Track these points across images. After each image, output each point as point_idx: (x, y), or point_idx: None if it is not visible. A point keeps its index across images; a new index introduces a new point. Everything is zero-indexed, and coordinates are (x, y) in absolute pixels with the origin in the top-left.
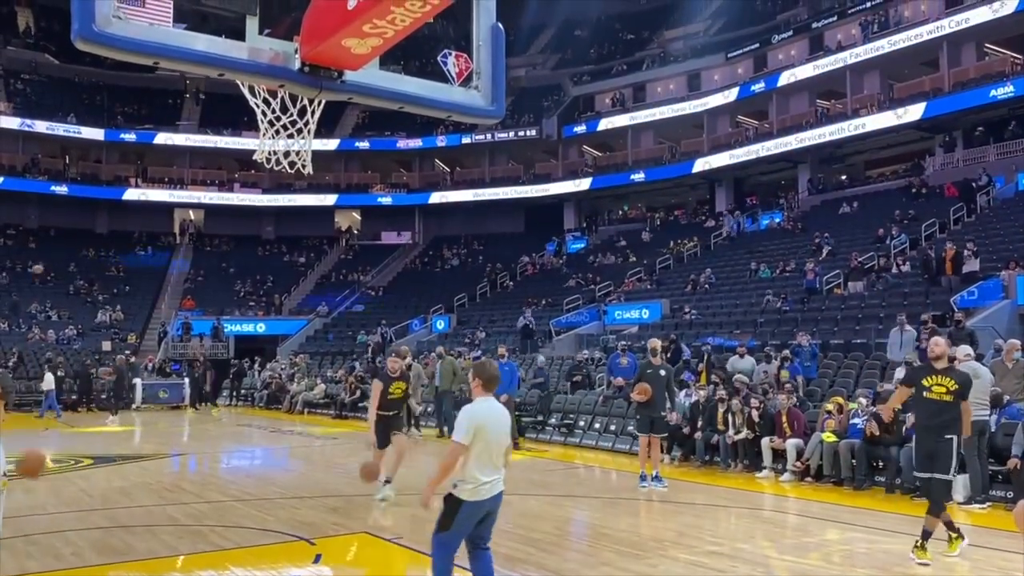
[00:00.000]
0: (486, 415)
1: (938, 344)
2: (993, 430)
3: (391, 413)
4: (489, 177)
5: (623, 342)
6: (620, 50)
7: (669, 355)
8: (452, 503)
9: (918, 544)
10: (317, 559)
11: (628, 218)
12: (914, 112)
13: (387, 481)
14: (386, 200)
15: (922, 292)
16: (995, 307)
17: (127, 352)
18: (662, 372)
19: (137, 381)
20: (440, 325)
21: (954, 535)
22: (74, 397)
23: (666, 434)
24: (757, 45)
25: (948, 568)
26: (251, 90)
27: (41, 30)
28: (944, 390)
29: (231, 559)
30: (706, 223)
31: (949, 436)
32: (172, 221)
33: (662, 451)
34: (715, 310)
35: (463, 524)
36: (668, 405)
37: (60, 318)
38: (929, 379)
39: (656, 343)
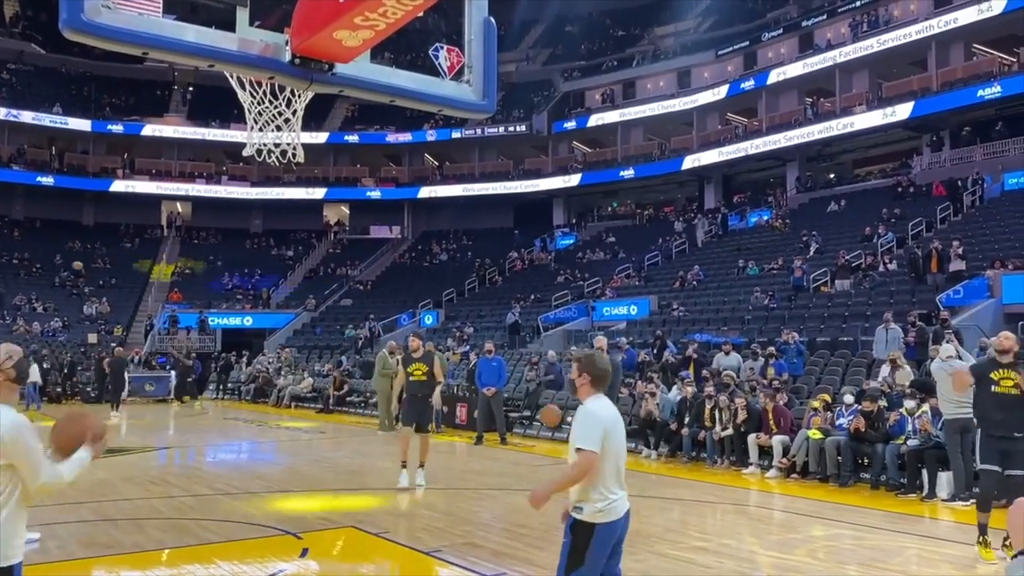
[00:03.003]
0: (611, 417)
1: (1008, 337)
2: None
3: (419, 395)
4: (479, 172)
5: (621, 338)
6: (611, 46)
7: (655, 351)
8: (582, 532)
9: (1006, 543)
10: (304, 553)
11: (617, 214)
12: (902, 111)
13: (405, 465)
14: (375, 194)
15: (908, 291)
16: (980, 306)
17: (114, 345)
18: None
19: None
20: (428, 320)
21: (986, 539)
22: (59, 390)
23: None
24: (747, 43)
25: (929, 564)
26: (239, 83)
27: (28, 19)
28: (1012, 383)
29: (217, 553)
30: (694, 220)
31: (1020, 435)
32: (159, 213)
33: (649, 447)
34: (703, 307)
35: (597, 555)
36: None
37: (45, 310)
38: (997, 373)
39: (601, 340)
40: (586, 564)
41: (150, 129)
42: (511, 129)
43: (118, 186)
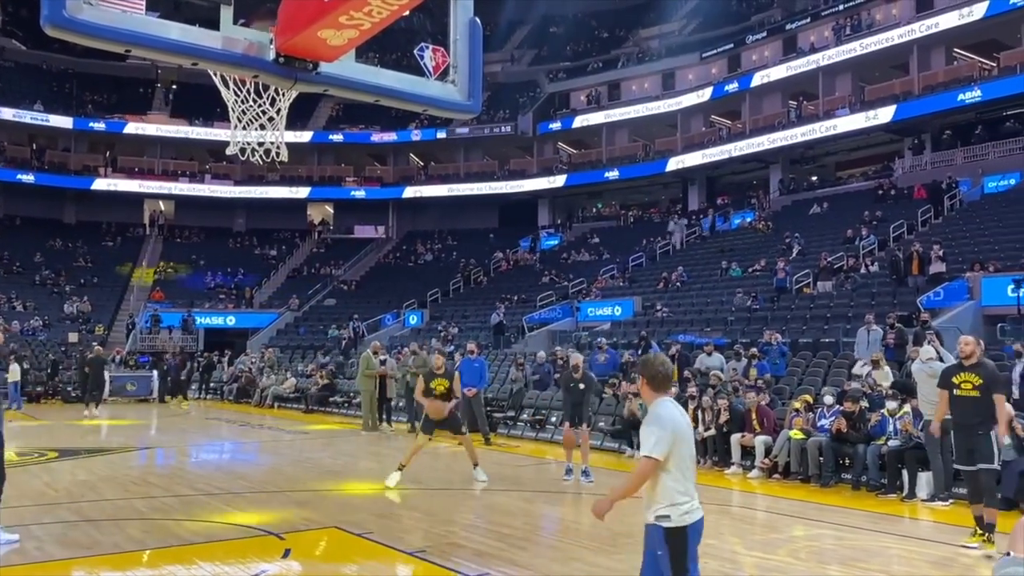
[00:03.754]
0: (678, 420)
1: (968, 343)
2: None
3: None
4: (464, 172)
5: (602, 339)
6: (596, 48)
7: (640, 352)
8: (677, 538)
9: (986, 538)
10: (286, 554)
11: (602, 215)
12: (884, 114)
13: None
14: (359, 194)
15: (889, 292)
16: (960, 308)
17: (95, 344)
18: (581, 386)
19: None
20: (413, 320)
21: (981, 532)
22: (39, 389)
23: (586, 425)
24: (731, 45)
25: (909, 563)
26: (223, 81)
27: (8, 15)
28: (971, 386)
29: (198, 553)
30: (677, 221)
31: (982, 432)
32: (142, 212)
33: (632, 447)
34: (686, 308)
35: (695, 555)
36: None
37: (26, 309)
38: (958, 377)
39: (578, 359)
40: (690, 570)
41: (133, 127)
42: (496, 129)
43: (100, 184)
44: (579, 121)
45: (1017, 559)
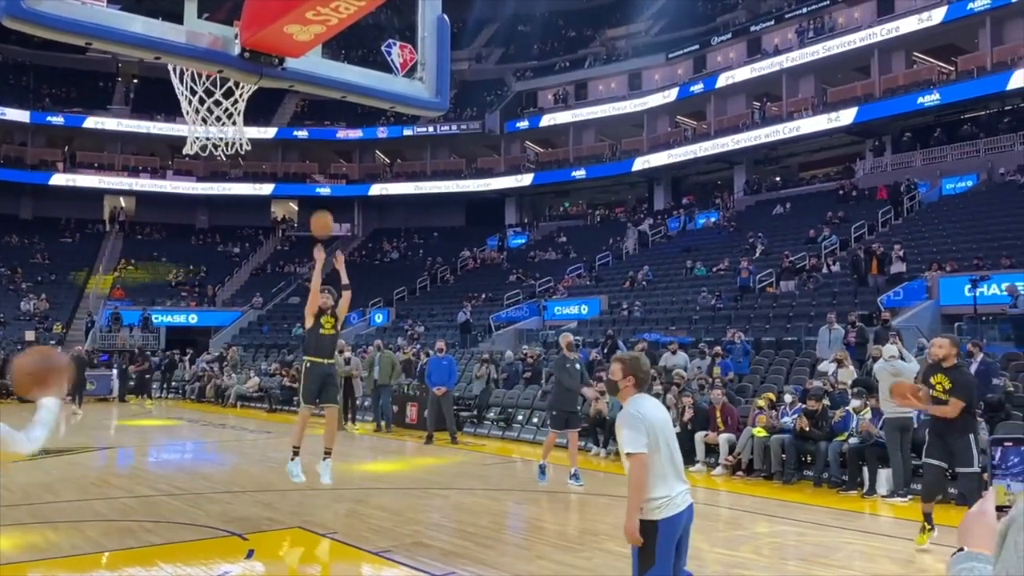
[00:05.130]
0: (656, 414)
1: (940, 346)
2: (916, 426)
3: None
4: (431, 170)
5: (578, 337)
6: (563, 47)
7: (606, 351)
8: (647, 530)
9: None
10: (250, 554)
11: (569, 214)
12: (846, 116)
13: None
14: (325, 191)
15: (851, 292)
16: (919, 307)
17: (53, 343)
18: (577, 366)
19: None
20: (379, 319)
21: (928, 527)
22: None
23: (581, 428)
24: (697, 47)
25: (870, 559)
26: (180, 76)
27: None
28: (942, 389)
29: (160, 555)
30: (644, 222)
31: (959, 435)
32: (102, 208)
33: (598, 445)
34: (652, 306)
35: (666, 550)
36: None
37: None
38: (934, 377)
39: (568, 337)
40: (657, 562)
41: (92, 121)
42: (464, 127)
43: (58, 179)
44: (546, 120)
45: (972, 553)
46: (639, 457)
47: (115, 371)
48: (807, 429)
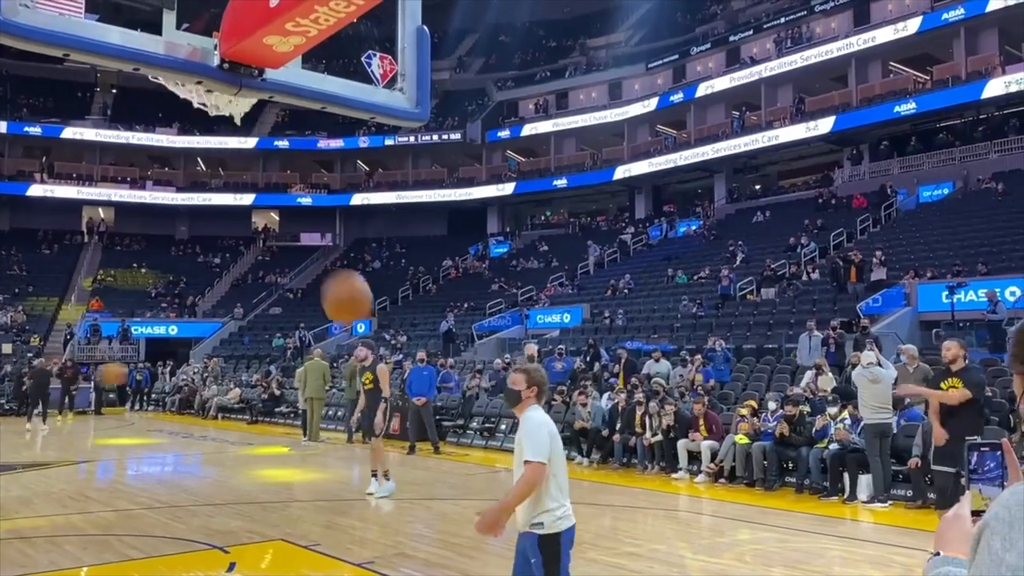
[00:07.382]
0: (552, 427)
1: (950, 348)
2: (895, 432)
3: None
4: (412, 180)
5: (561, 346)
6: (544, 57)
7: (588, 359)
8: (550, 544)
9: None
10: (231, 567)
11: (551, 223)
12: (824, 125)
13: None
14: (306, 201)
15: (830, 299)
16: (897, 314)
17: (31, 355)
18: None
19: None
20: (361, 328)
21: None
22: None
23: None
24: (676, 56)
25: (852, 565)
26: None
27: None
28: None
29: (139, 569)
30: (625, 230)
31: (967, 437)
32: (80, 219)
33: (582, 454)
34: (633, 315)
35: (567, 563)
36: None
37: None
38: (945, 382)
39: (532, 348)
40: (562, 575)
41: (71, 132)
42: (445, 137)
43: (36, 190)
44: (527, 129)
45: (947, 558)
46: (541, 467)
47: (92, 383)
48: (787, 435)
